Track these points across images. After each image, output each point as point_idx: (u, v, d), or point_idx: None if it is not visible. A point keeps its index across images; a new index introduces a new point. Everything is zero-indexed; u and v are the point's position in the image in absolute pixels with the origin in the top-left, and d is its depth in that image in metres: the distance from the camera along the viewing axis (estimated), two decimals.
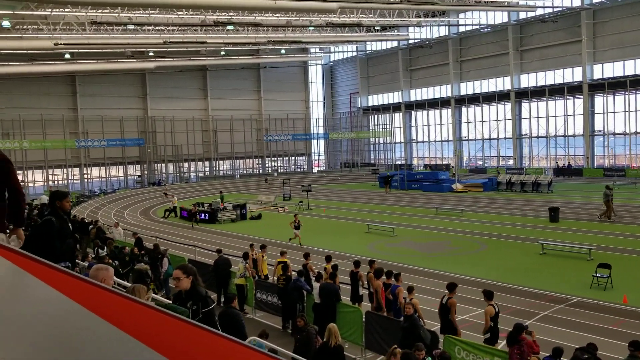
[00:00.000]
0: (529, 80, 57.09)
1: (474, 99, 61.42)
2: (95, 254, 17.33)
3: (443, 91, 64.81)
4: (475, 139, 63.03)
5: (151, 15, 39.19)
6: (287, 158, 71.04)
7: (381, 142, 71.22)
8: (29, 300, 1.32)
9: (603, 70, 51.19)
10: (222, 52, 57.68)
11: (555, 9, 52.66)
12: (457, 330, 10.83)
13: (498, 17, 57.65)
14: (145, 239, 21.80)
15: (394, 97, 70.63)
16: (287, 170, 68.60)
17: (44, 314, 1.18)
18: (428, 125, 67.89)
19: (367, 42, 68.52)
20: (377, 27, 57.53)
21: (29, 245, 5.31)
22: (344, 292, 13.33)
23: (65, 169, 55.83)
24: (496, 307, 10.64)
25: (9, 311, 1.19)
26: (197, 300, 5.10)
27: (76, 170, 57.09)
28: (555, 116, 55.21)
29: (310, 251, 17.22)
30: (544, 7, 52.69)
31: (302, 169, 71.81)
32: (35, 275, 1.46)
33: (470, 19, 59.00)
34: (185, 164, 62.47)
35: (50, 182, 54.05)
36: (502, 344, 11.38)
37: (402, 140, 70.40)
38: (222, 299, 14.71)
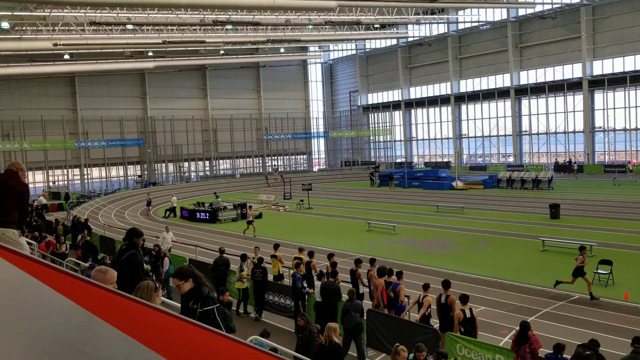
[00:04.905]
0: (528, 77, 57.03)
1: (474, 97, 61.36)
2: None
3: (443, 89, 64.76)
4: (475, 137, 62.98)
5: (150, 15, 39.16)
6: (287, 157, 71.05)
7: (381, 140, 71.20)
8: (30, 301, 1.32)
9: (603, 67, 51.12)
10: (221, 52, 57.64)
11: (554, 6, 52.61)
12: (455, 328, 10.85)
13: (497, 14, 57.58)
14: (147, 239, 21.79)
15: (394, 95, 70.57)
16: (288, 169, 68.59)
17: (45, 315, 1.18)
18: (428, 123, 67.82)
19: (367, 40, 68.41)
20: (376, 25, 57.49)
21: (122, 276, 5.86)
22: (345, 291, 13.32)
23: (65, 170, 55.84)
24: None
25: (11, 313, 1.19)
26: (198, 300, 5.18)
27: (76, 171, 57.09)
28: (555, 113, 55.14)
29: (309, 250, 17.22)
30: (543, 3, 52.64)
31: (302, 168, 71.79)
32: (37, 277, 1.46)
33: (470, 16, 58.94)
34: (186, 164, 62.46)
35: (51, 183, 54.09)
36: (503, 342, 11.39)
37: (402, 138, 70.37)
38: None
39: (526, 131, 58.26)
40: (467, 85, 62.72)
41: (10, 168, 5.47)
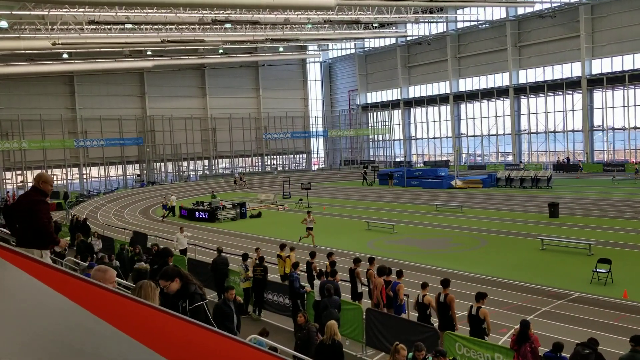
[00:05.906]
0: (527, 76, 57.03)
1: (473, 96, 61.37)
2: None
3: (442, 88, 64.77)
4: (474, 135, 63.00)
5: (149, 14, 39.11)
6: (286, 156, 71.03)
7: (380, 139, 71.20)
8: (29, 301, 1.32)
9: (602, 65, 51.12)
10: (220, 51, 57.59)
11: (553, 4, 52.64)
12: (455, 327, 10.85)
13: (496, 13, 57.61)
14: (150, 240, 21.78)
15: (393, 94, 70.57)
16: (287, 169, 68.58)
17: (45, 315, 1.18)
18: (427, 122, 67.82)
19: (366, 39, 68.38)
20: (375, 24, 57.43)
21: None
22: (344, 290, 13.33)
23: (64, 169, 55.79)
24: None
25: (11, 313, 1.19)
26: (186, 298, 5.34)
27: (75, 170, 57.05)
28: (554, 112, 55.18)
29: (311, 250, 17.23)
30: (542, 2, 52.67)
31: (301, 167, 71.77)
32: (37, 277, 1.46)
33: (469, 15, 58.94)
34: (185, 163, 62.44)
35: None
36: (502, 340, 11.40)
37: (401, 138, 70.38)
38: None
39: (525, 130, 58.28)
40: (466, 84, 62.73)
41: (34, 184, 5.02)
